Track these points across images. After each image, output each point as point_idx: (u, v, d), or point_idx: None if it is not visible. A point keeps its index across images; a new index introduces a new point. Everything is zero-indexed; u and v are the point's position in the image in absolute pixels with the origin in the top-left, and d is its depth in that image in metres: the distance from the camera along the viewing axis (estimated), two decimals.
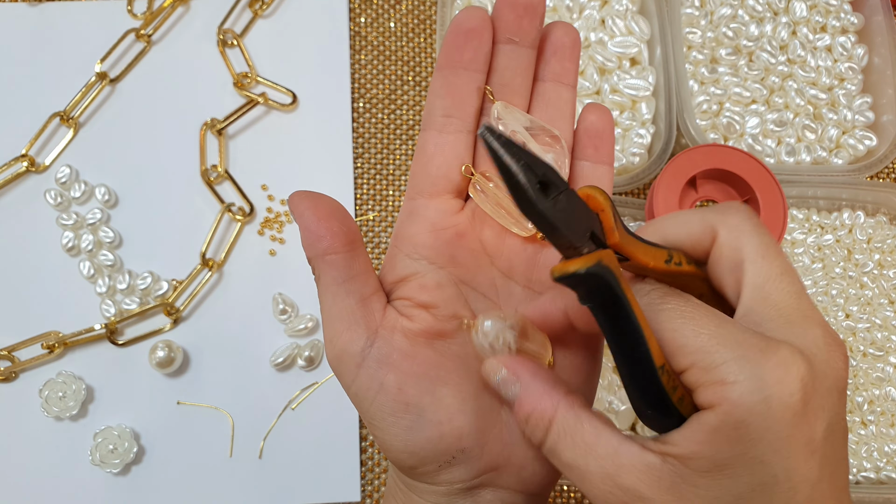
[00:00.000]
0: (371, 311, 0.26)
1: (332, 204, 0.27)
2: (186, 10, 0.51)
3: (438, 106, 0.27)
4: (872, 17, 0.49)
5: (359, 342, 0.25)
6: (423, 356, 0.25)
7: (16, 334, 0.44)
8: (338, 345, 0.25)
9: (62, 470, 0.43)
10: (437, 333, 0.26)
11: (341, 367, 0.26)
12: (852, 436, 0.43)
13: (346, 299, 0.26)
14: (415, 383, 0.25)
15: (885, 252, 0.45)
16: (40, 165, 0.47)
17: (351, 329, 0.25)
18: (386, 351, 0.25)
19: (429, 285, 0.27)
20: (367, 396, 0.25)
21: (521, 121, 0.27)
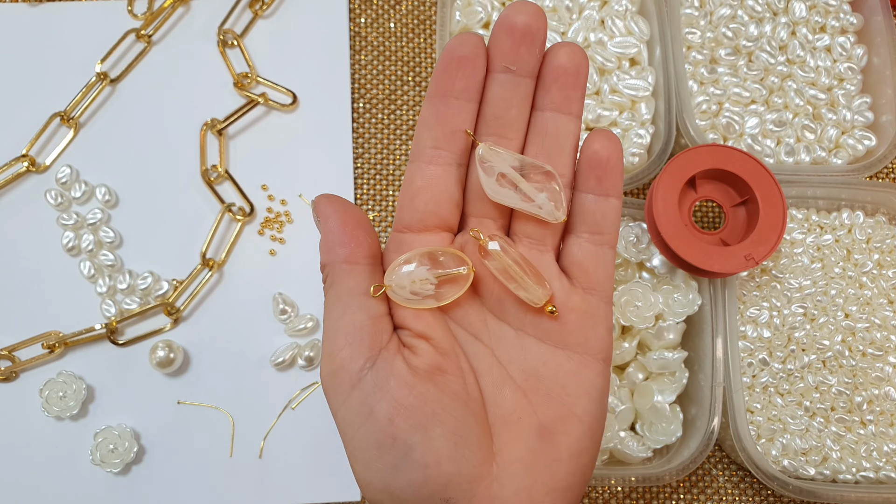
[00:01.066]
0: (379, 332, 0.24)
1: (361, 215, 0.25)
2: (187, 10, 0.51)
3: (427, 137, 0.26)
4: (872, 17, 0.49)
5: (358, 361, 0.24)
6: (422, 389, 0.24)
7: (16, 334, 0.44)
8: (336, 360, 0.24)
9: (62, 470, 0.43)
10: (439, 368, 0.25)
11: (334, 384, 0.24)
12: (852, 435, 0.43)
13: (357, 313, 0.24)
14: (407, 416, 0.23)
15: (885, 252, 0.46)
16: (41, 165, 0.47)
17: (353, 345, 0.24)
18: (384, 375, 0.24)
19: (423, 315, 0.26)
20: (354, 422, 0.23)
21: (508, 161, 0.26)
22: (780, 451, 0.43)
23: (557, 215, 0.26)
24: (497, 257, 0.26)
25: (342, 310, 0.24)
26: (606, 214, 0.26)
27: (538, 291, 0.25)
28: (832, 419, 0.43)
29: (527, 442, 0.25)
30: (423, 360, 0.24)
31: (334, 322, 0.24)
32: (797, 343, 0.44)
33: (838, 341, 0.44)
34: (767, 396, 0.44)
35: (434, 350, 0.25)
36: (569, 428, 0.25)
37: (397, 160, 0.49)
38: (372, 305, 0.25)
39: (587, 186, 0.26)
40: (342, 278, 0.25)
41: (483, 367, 0.26)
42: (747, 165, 0.42)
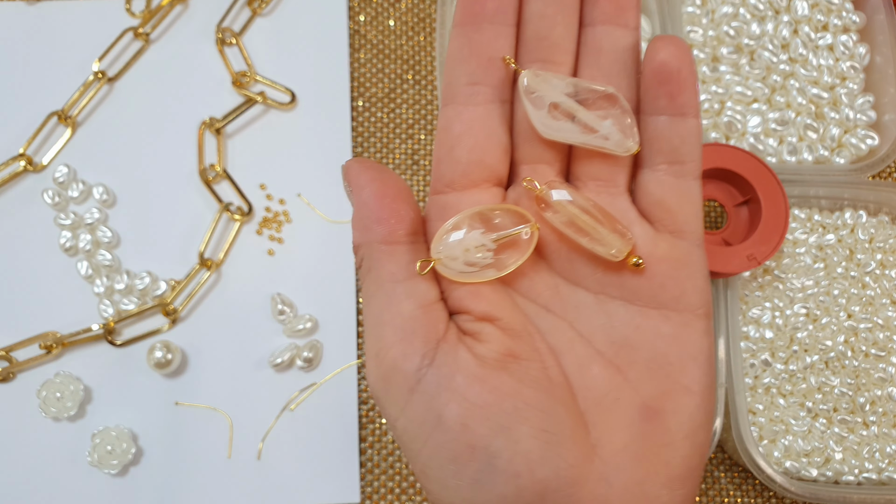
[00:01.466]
0: (433, 321, 0.20)
1: (400, 183, 0.21)
2: (185, 8, 0.50)
3: (461, 73, 0.22)
4: (874, 15, 0.48)
5: (414, 358, 0.20)
6: (497, 382, 0.20)
7: (13, 334, 0.44)
8: (386, 361, 0.20)
9: (60, 471, 0.43)
10: (511, 353, 0.21)
11: (389, 389, 0.20)
12: (854, 437, 0.43)
13: (404, 302, 0.20)
14: (484, 418, 0.19)
15: (888, 252, 0.45)
16: (38, 165, 0.47)
17: (406, 340, 0.20)
18: (448, 372, 0.19)
19: (483, 291, 0.21)
20: (420, 434, 0.19)
21: (560, 87, 0.22)
22: (783, 452, 0.42)
23: (628, 145, 0.22)
24: (561, 208, 0.21)
25: (385, 300, 0.20)
26: (686, 138, 0.21)
27: (617, 242, 0.21)
28: (835, 420, 0.43)
29: (630, 427, 0.21)
30: (492, 346, 0.20)
31: (378, 315, 0.20)
32: (799, 344, 0.44)
33: (841, 342, 0.43)
34: (770, 397, 0.43)
35: (502, 333, 0.21)
36: (678, 403, 0.21)
37: (397, 159, 0.49)
38: (421, 290, 0.21)
39: (657, 107, 0.21)
40: (382, 262, 0.21)
41: (562, 343, 0.22)
42: (749, 165, 0.42)
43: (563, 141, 0.22)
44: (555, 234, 0.22)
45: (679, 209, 0.22)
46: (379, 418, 0.45)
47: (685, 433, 0.21)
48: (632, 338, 0.21)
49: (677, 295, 0.22)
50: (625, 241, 0.21)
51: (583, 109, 0.22)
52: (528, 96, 0.22)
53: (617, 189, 0.23)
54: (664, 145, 0.22)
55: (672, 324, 0.21)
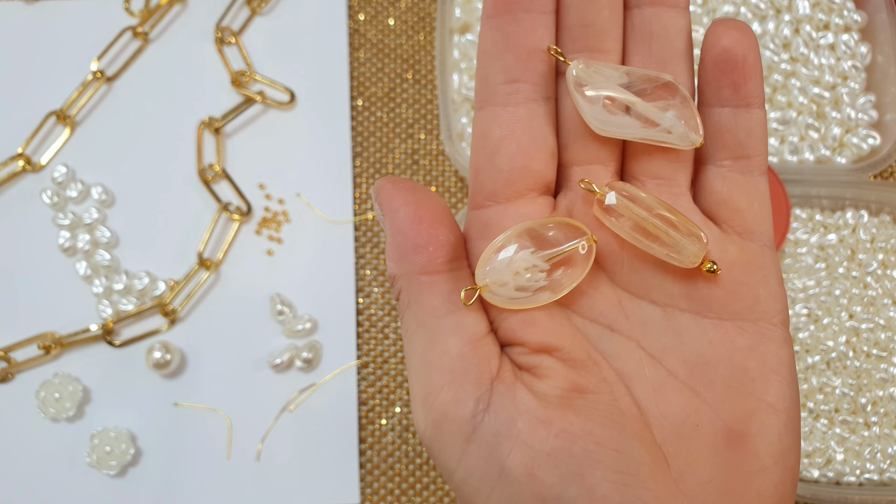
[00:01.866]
0: (485, 358, 0.18)
1: (439, 203, 0.19)
2: (184, 7, 0.50)
3: (496, 70, 0.20)
4: (875, 14, 0.48)
5: (468, 403, 0.18)
6: (563, 423, 0.18)
7: (12, 335, 0.44)
8: (436, 407, 0.18)
9: (59, 472, 0.42)
10: (576, 388, 0.19)
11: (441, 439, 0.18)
12: (856, 437, 0.42)
13: (451, 339, 0.18)
14: (553, 466, 0.17)
15: (889, 252, 0.45)
16: (36, 165, 0.47)
17: (457, 383, 0.18)
18: (508, 416, 0.17)
19: (538, 318, 0.19)
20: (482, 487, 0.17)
21: (613, 77, 0.20)
22: None
23: (693, 138, 0.20)
24: (626, 211, 0.19)
25: (429, 337, 0.18)
26: (752, 131, 0.20)
27: (692, 247, 0.19)
28: (836, 421, 0.43)
29: (714, 455, 0.19)
30: (554, 382, 0.18)
31: (422, 356, 0.18)
32: (801, 344, 0.43)
33: (842, 342, 0.43)
34: None
35: (564, 365, 0.19)
36: (764, 424, 0.19)
37: (396, 158, 0.49)
38: (469, 324, 0.19)
39: (720, 97, 0.20)
40: (422, 295, 0.19)
41: (631, 367, 0.20)
42: None
43: (621, 137, 0.20)
44: (616, 241, 0.20)
45: (748, 208, 0.20)
46: (378, 419, 0.44)
47: (775, 457, 0.19)
48: (706, 354, 0.19)
49: (751, 303, 0.20)
50: (700, 245, 0.19)
51: (641, 101, 0.20)
52: (578, 90, 0.19)
53: (679, 188, 0.21)
54: (729, 139, 0.20)
55: (748, 335, 0.20)
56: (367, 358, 0.45)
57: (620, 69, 0.20)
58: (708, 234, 0.20)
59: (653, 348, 0.20)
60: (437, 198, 0.19)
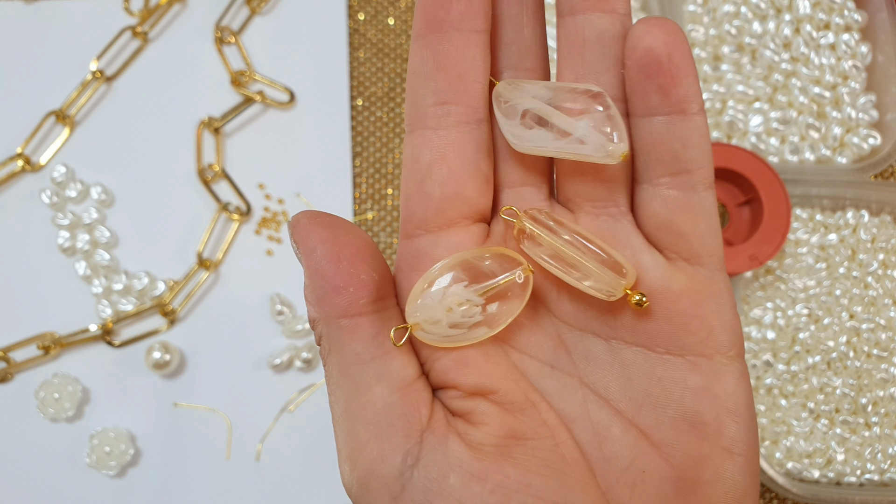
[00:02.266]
0: (414, 407, 0.17)
1: (360, 238, 0.18)
2: (183, 7, 0.50)
3: (426, 91, 0.19)
4: (876, 14, 0.48)
5: (396, 458, 0.16)
6: (499, 477, 0.16)
7: (11, 335, 0.44)
8: (362, 463, 0.17)
9: (58, 472, 0.42)
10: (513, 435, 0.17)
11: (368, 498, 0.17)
12: (856, 437, 0.42)
13: (375, 388, 0.17)
14: None
15: (890, 252, 0.45)
16: (36, 164, 0.47)
17: (383, 437, 0.16)
18: (439, 472, 0.16)
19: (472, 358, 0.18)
20: None
21: (533, 92, 0.18)
22: (785, 453, 0.42)
23: (609, 148, 0.17)
24: (542, 240, 0.18)
25: (353, 388, 0.17)
26: (689, 140, 0.17)
27: (608, 277, 0.18)
28: (837, 421, 0.43)
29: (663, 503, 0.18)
30: (489, 429, 0.17)
31: (346, 407, 0.17)
32: (801, 344, 0.43)
33: (843, 342, 0.43)
34: (772, 398, 0.43)
35: (500, 409, 0.17)
36: (718, 470, 0.17)
37: (396, 158, 0.49)
38: (396, 369, 0.17)
39: (649, 105, 0.17)
40: (344, 341, 0.17)
41: (573, 408, 0.19)
42: (751, 164, 0.42)
43: (538, 153, 0.19)
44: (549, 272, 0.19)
45: (692, 230, 0.18)
46: None
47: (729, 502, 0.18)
48: (655, 393, 0.18)
49: (703, 337, 0.18)
50: (618, 275, 0.18)
51: (557, 113, 0.18)
52: (499, 107, 0.19)
53: (618, 210, 0.19)
54: (664, 152, 0.18)
55: (701, 373, 0.18)
56: None
57: (545, 84, 0.19)
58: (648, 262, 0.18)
59: (597, 385, 0.19)
60: (359, 232, 0.18)
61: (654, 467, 0.18)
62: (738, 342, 0.19)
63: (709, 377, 0.18)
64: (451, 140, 0.18)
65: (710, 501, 0.17)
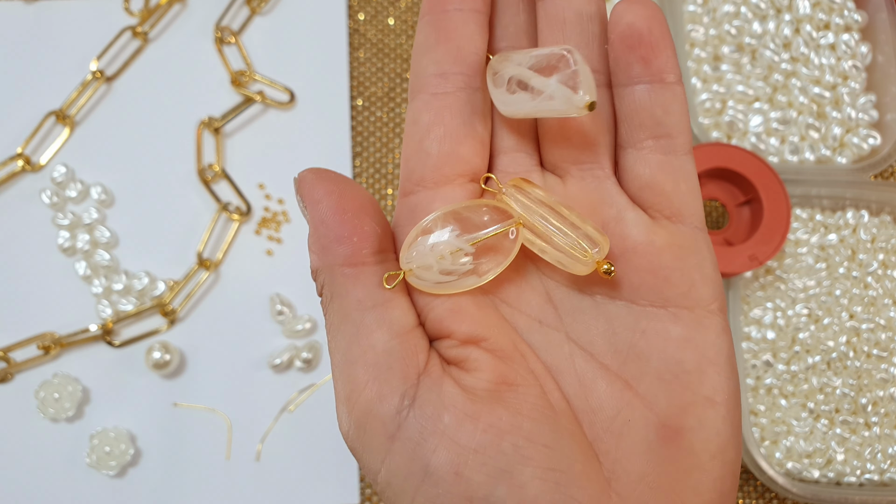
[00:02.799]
0: (412, 352, 0.18)
1: (362, 194, 0.19)
2: (183, 7, 0.50)
3: (428, 62, 0.20)
4: (876, 14, 0.48)
5: (393, 399, 0.17)
6: (491, 418, 0.17)
7: (11, 335, 0.44)
8: (360, 404, 0.17)
9: (58, 472, 0.42)
10: (505, 381, 0.18)
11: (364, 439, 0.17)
12: (856, 437, 0.42)
13: (376, 333, 0.18)
14: (481, 464, 0.16)
15: (890, 252, 0.45)
16: (36, 164, 0.47)
17: (381, 379, 0.17)
18: (433, 412, 0.17)
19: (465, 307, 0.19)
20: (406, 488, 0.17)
21: (517, 61, 0.20)
22: (785, 453, 0.42)
23: (575, 99, 0.18)
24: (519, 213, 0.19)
25: (354, 332, 0.18)
26: (670, 107, 0.19)
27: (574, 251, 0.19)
28: (837, 421, 0.43)
29: (647, 452, 0.18)
30: (482, 375, 0.18)
31: (346, 352, 0.18)
32: (801, 344, 0.43)
33: (843, 342, 0.43)
34: (771, 398, 0.43)
35: (491, 356, 0.18)
36: (700, 418, 0.18)
37: (396, 158, 0.49)
38: (395, 317, 0.18)
39: (631, 75, 0.19)
40: (346, 288, 0.18)
41: (560, 361, 0.19)
42: (751, 164, 0.42)
43: (519, 115, 0.20)
44: None
45: (674, 189, 0.19)
46: None
47: (712, 452, 0.18)
48: (639, 345, 0.19)
49: (685, 289, 0.19)
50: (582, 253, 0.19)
51: (535, 75, 0.19)
52: (492, 78, 0.20)
53: (603, 172, 0.20)
54: (646, 118, 0.19)
55: (683, 324, 0.19)
56: None
57: (530, 52, 0.20)
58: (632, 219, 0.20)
59: (582, 339, 0.19)
60: (361, 189, 0.19)
61: (638, 416, 0.18)
62: (720, 297, 0.19)
63: (690, 328, 0.19)
64: (448, 103, 0.20)
65: (693, 449, 0.18)
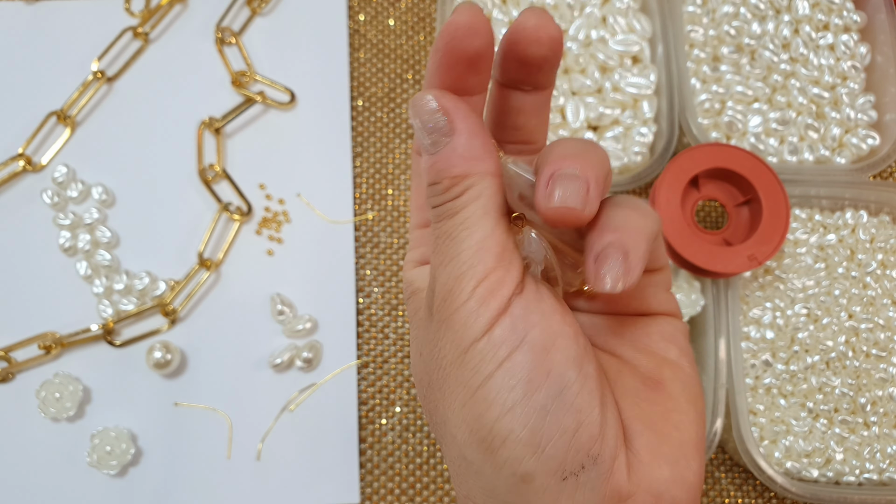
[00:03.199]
0: (520, 260, 0.21)
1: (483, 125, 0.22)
2: (184, 7, 0.50)
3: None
4: (875, 14, 0.48)
5: (511, 283, 0.20)
6: (571, 319, 0.21)
7: (12, 335, 0.44)
8: (487, 283, 0.20)
9: (59, 471, 0.42)
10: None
11: (480, 308, 0.20)
12: (855, 437, 0.42)
13: (499, 229, 0.21)
14: (564, 347, 0.20)
15: (888, 252, 0.45)
16: (37, 165, 0.47)
17: (503, 265, 0.20)
18: (535, 297, 0.20)
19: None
20: (498, 355, 0.19)
21: None
22: (784, 453, 0.42)
23: None
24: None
25: (491, 227, 0.20)
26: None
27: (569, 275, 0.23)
28: (836, 421, 0.43)
29: (637, 394, 0.22)
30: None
31: (480, 239, 0.20)
32: (800, 344, 0.43)
33: (842, 342, 0.43)
34: (770, 398, 0.43)
35: None
36: (674, 374, 0.22)
37: (396, 158, 0.49)
38: (507, 225, 0.21)
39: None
40: (493, 191, 0.21)
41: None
42: (750, 165, 0.42)
43: None
44: None
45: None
46: (378, 419, 0.44)
47: (687, 398, 0.22)
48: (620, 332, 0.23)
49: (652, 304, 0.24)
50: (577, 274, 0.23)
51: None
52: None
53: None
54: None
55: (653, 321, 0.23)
56: (367, 358, 0.45)
57: None
58: None
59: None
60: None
61: (626, 371, 0.22)
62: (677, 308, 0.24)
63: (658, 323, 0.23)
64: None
65: (671, 394, 0.22)
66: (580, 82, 0.46)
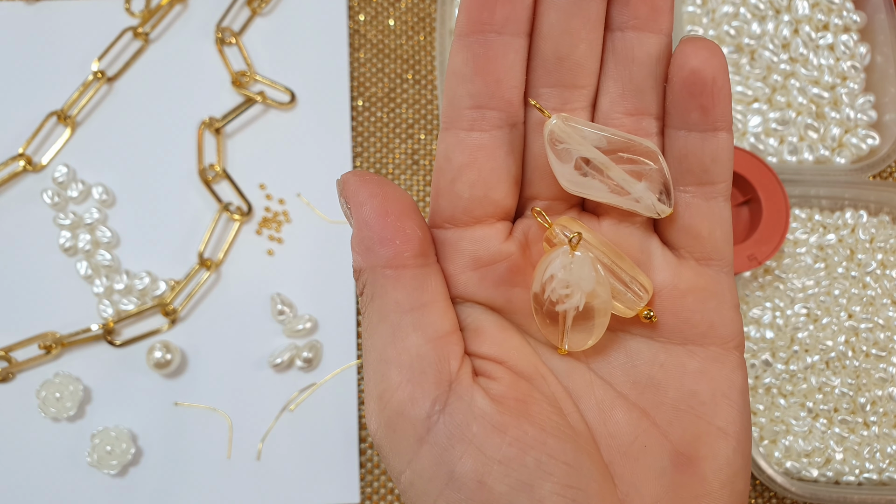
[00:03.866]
0: (445, 357, 0.18)
1: (405, 198, 0.19)
2: (184, 7, 0.50)
3: (464, 93, 0.19)
4: (875, 15, 0.48)
5: (424, 403, 0.17)
6: (517, 432, 0.17)
7: (12, 334, 0.44)
8: (391, 405, 0.18)
9: (59, 471, 0.42)
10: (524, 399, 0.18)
11: (393, 439, 0.18)
12: (855, 437, 0.43)
13: (412, 336, 0.18)
14: (503, 474, 0.17)
15: (888, 252, 0.45)
16: (37, 165, 0.47)
17: (415, 381, 0.18)
18: (463, 420, 0.17)
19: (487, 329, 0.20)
20: (429, 491, 0.17)
21: (591, 139, 0.19)
22: (783, 452, 0.42)
23: (661, 209, 0.20)
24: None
25: (391, 333, 0.18)
26: (718, 156, 0.19)
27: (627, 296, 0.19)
28: (835, 420, 0.43)
29: (661, 478, 0.19)
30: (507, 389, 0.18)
31: (382, 351, 0.18)
32: (800, 344, 0.44)
33: (841, 342, 0.43)
34: (770, 398, 0.43)
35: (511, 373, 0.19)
36: (713, 448, 0.19)
37: (396, 159, 0.49)
38: (433, 321, 0.18)
39: (687, 121, 0.19)
40: (386, 289, 0.18)
41: (580, 387, 0.20)
42: (750, 164, 0.42)
43: (589, 198, 0.20)
44: None
45: (708, 235, 0.20)
46: None
47: (723, 481, 0.19)
48: (657, 377, 0.20)
49: (704, 330, 0.20)
50: (636, 299, 0.19)
51: (615, 167, 0.19)
52: (553, 147, 0.19)
53: (639, 216, 0.20)
54: (695, 164, 0.19)
55: (700, 360, 0.20)
56: None
57: (600, 131, 0.19)
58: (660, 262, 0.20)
59: (603, 370, 0.20)
60: (404, 193, 0.19)
61: (654, 443, 0.19)
62: (738, 335, 0.20)
63: (706, 363, 0.20)
64: (483, 143, 0.19)
65: (704, 477, 0.19)
66: None
